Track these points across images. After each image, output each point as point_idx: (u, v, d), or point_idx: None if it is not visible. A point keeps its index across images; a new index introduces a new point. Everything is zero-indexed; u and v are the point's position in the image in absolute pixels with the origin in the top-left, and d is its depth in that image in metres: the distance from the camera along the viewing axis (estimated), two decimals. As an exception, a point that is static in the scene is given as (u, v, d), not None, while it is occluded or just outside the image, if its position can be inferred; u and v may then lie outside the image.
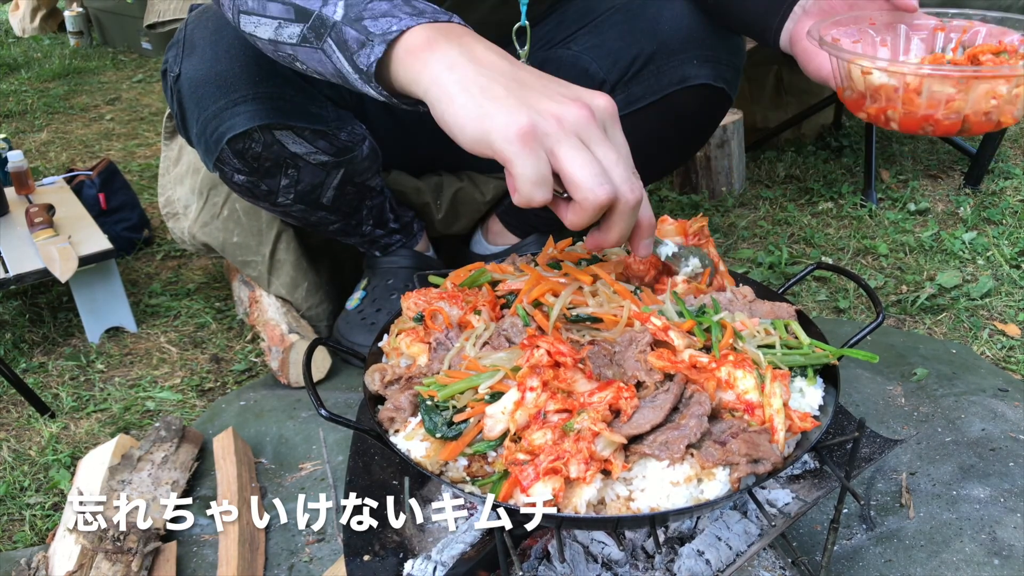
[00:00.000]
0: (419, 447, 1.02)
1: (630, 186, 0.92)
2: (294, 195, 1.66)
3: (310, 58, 1.09)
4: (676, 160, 1.96)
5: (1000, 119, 1.05)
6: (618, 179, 0.91)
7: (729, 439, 0.95)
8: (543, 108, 0.91)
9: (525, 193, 0.91)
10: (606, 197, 0.91)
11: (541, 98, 0.92)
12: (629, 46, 1.65)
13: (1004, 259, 2.18)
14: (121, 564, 1.28)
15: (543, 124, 0.90)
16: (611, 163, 0.92)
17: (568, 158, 0.90)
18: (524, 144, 0.89)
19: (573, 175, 0.90)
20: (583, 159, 0.90)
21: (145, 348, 2.10)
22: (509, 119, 0.90)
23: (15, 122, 4.23)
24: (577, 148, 0.90)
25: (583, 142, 0.91)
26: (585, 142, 0.91)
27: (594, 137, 0.92)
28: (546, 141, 0.90)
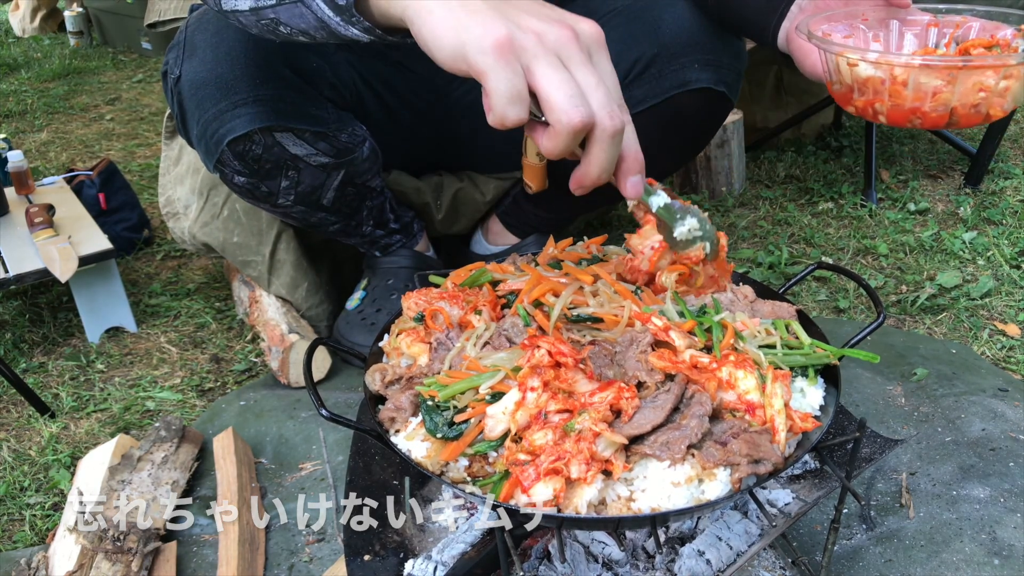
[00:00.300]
0: (420, 447, 1.02)
1: (609, 111, 0.87)
2: (294, 196, 1.66)
3: (291, 16, 1.06)
4: (676, 162, 1.95)
5: (989, 111, 1.05)
6: (596, 103, 0.87)
7: (730, 439, 0.95)
8: (524, 23, 0.88)
9: (499, 110, 0.87)
10: (580, 120, 0.86)
11: (523, 14, 0.89)
12: (630, 49, 1.65)
13: (1004, 259, 2.18)
14: (121, 564, 1.28)
15: (521, 38, 0.87)
16: (590, 86, 0.87)
17: (545, 76, 0.86)
18: (499, 56, 0.86)
19: (548, 94, 0.86)
20: (560, 78, 0.86)
21: (145, 348, 2.10)
22: (486, 30, 0.87)
23: (15, 122, 4.23)
24: (555, 67, 0.86)
25: (562, 62, 0.87)
26: (565, 62, 0.87)
27: (575, 58, 0.88)
28: (523, 56, 0.87)
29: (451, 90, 1.84)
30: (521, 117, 0.88)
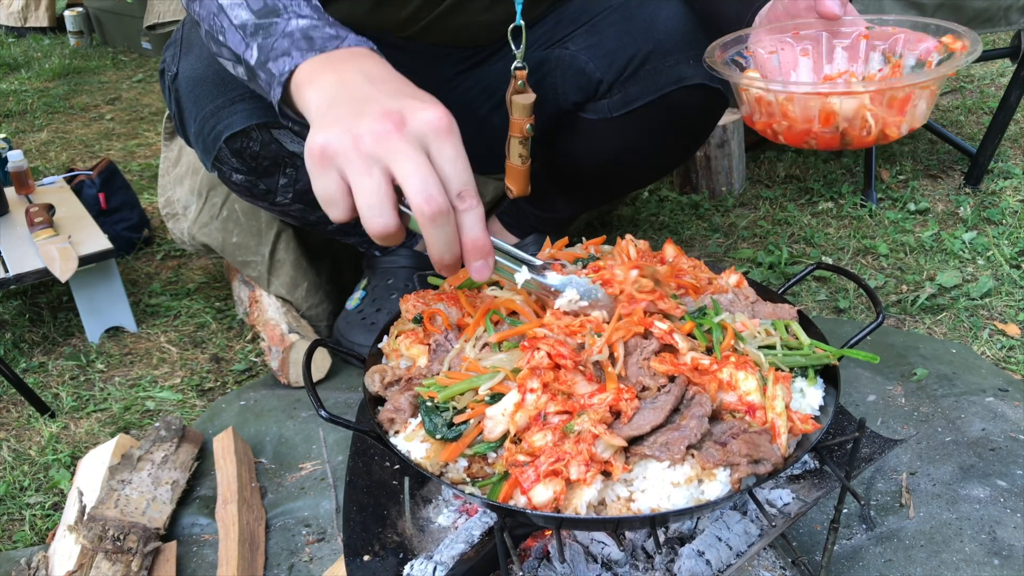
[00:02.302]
0: (419, 448, 1.02)
1: (425, 197, 0.88)
2: (292, 194, 1.66)
3: (259, 93, 1.16)
4: (674, 160, 1.95)
5: (884, 131, 1.04)
6: (410, 193, 0.88)
7: (730, 440, 0.95)
8: (353, 127, 0.90)
9: (326, 210, 0.94)
10: (381, 228, 0.90)
11: (362, 117, 0.91)
12: (626, 46, 1.65)
13: (1004, 259, 2.18)
14: (121, 564, 1.28)
15: (335, 145, 0.90)
16: (404, 178, 0.89)
17: (353, 184, 0.91)
18: (316, 164, 0.92)
19: (356, 203, 0.91)
20: (363, 186, 0.90)
21: (145, 348, 2.10)
22: (313, 139, 0.92)
23: (15, 122, 4.23)
24: (361, 173, 0.89)
25: (377, 160, 0.89)
26: (382, 159, 0.90)
27: (393, 153, 0.89)
28: (336, 162, 0.91)
29: (448, 91, 1.84)
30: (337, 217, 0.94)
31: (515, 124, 1.58)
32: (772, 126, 1.09)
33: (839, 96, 1.01)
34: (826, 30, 1.18)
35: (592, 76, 1.68)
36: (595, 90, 1.70)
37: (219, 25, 1.18)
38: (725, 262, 2.30)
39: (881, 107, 1.01)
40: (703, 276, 1.25)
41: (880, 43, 1.16)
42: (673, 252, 1.29)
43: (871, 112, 1.02)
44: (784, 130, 1.08)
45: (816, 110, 1.03)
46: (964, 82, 3.65)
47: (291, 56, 1.07)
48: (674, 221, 2.59)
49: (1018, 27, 2.42)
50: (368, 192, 0.90)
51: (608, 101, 1.70)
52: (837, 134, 1.04)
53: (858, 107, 1.01)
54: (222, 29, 1.18)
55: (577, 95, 1.72)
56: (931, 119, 3.06)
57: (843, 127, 1.03)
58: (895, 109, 1.03)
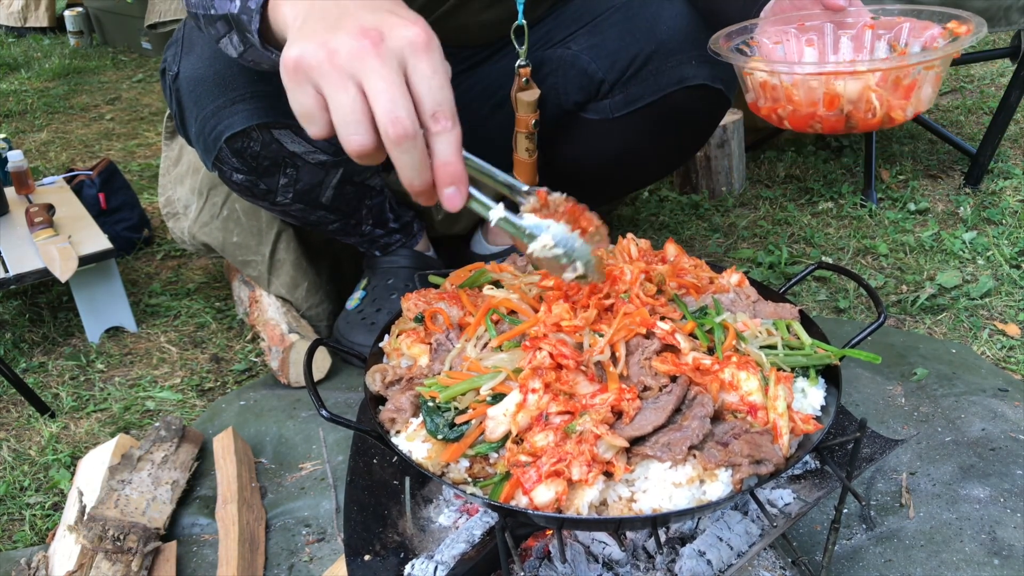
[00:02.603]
0: (420, 448, 1.02)
1: (392, 119, 0.85)
2: (293, 194, 1.66)
3: (257, 57, 1.13)
4: (676, 160, 1.95)
5: (891, 115, 1.04)
6: (379, 113, 0.85)
7: (731, 440, 0.95)
8: (329, 41, 0.87)
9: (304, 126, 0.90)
10: (356, 146, 0.87)
11: (338, 30, 0.88)
12: (628, 46, 1.65)
13: (1004, 259, 2.18)
14: (121, 564, 1.28)
15: (309, 58, 0.87)
16: (375, 96, 0.85)
17: (328, 99, 0.87)
18: (290, 78, 0.89)
19: (333, 119, 0.88)
20: (338, 101, 0.87)
21: (145, 348, 2.10)
22: (287, 52, 0.89)
23: (15, 122, 4.23)
24: (336, 88, 0.86)
25: (352, 76, 0.86)
26: (357, 75, 0.86)
27: (367, 70, 0.86)
28: (311, 76, 0.87)
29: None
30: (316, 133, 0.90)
31: (520, 120, 1.58)
32: (777, 111, 1.09)
33: (843, 78, 1.01)
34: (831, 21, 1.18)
35: (594, 76, 1.68)
36: (597, 90, 1.70)
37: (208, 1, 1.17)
38: (725, 262, 2.30)
39: (886, 89, 1.01)
40: (704, 275, 1.25)
41: (885, 32, 1.16)
42: (674, 251, 1.29)
43: (876, 93, 1.01)
44: (789, 115, 1.08)
45: (820, 93, 1.03)
46: (964, 82, 3.65)
47: None
48: (674, 221, 2.59)
49: (1018, 27, 2.42)
50: (343, 108, 0.87)
51: (610, 101, 1.70)
52: (842, 117, 1.04)
53: (862, 89, 1.01)
54: (211, 2, 1.16)
55: (578, 95, 1.72)
56: (931, 119, 3.06)
57: (848, 110, 1.03)
58: (900, 92, 1.03)
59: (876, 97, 1.02)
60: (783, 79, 1.05)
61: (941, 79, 1.07)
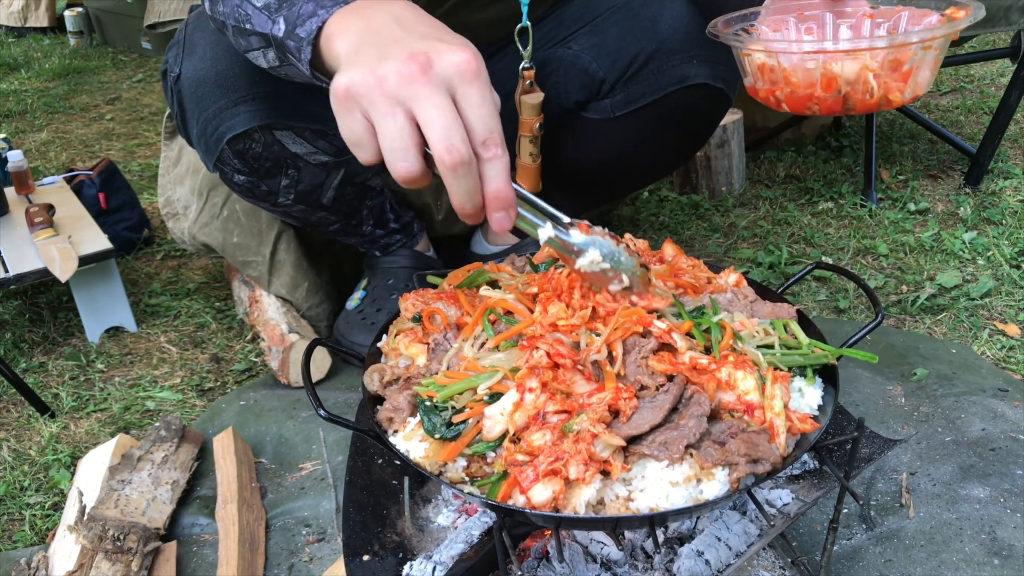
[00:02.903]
0: (418, 447, 1.02)
1: (447, 146, 0.86)
2: (294, 195, 1.66)
3: (293, 73, 1.13)
4: (676, 160, 1.95)
5: (889, 96, 1.04)
6: (432, 139, 0.86)
7: (728, 439, 0.95)
8: (377, 68, 0.88)
9: (354, 152, 0.92)
10: (404, 173, 0.89)
11: (387, 58, 0.89)
12: (629, 45, 1.65)
13: (1004, 259, 2.18)
14: (121, 564, 1.28)
15: (358, 86, 0.88)
16: (427, 124, 0.87)
17: (378, 126, 0.88)
18: (340, 105, 0.90)
19: (381, 147, 0.89)
20: (386, 128, 0.88)
21: (145, 348, 2.10)
22: (338, 81, 0.90)
23: (15, 122, 4.24)
24: (384, 114, 0.88)
25: (401, 103, 0.87)
26: (405, 102, 0.87)
27: (417, 97, 0.87)
28: (361, 104, 0.89)
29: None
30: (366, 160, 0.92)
31: (525, 123, 1.58)
32: (775, 93, 1.09)
33: (841, 59, 1.01)
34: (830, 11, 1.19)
35: (595, 75, 1.68)
36: (598, 89, 1.70)
37: (244, 14, 1.16)
38: (725, 262, 2.30)
39: (884, 71, 1.01)
40: (702, 275, 1.25)
41: (884, 20, 1.16)
42: (672, 251, 1.29)
43: (873, 73, 1.01)
44: (786, 96, 1.08)
45: (818, 74, 1.03)
46: (964, 82, 3.65)
47: (317, 15, 1.03)
48: (674, 221, 2.59)
49: (1018, 27, 2.42)
50: (392, 135, 0.88)
51: (610, 100, 1.70)
52: (840, 98, 1.04)
53: (860, 69, 1.01)
54: (247, 17, 1.16)
55: (579, 94, 1.72)
56: (931, 119, 3.06)
57: (845, 91, 1.03)
58: (898, 74, 1.03)
59: (874, 78, 1.01)
60: (781, 61, 1.05)
61: (939, 64, 1.07)
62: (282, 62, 1.14)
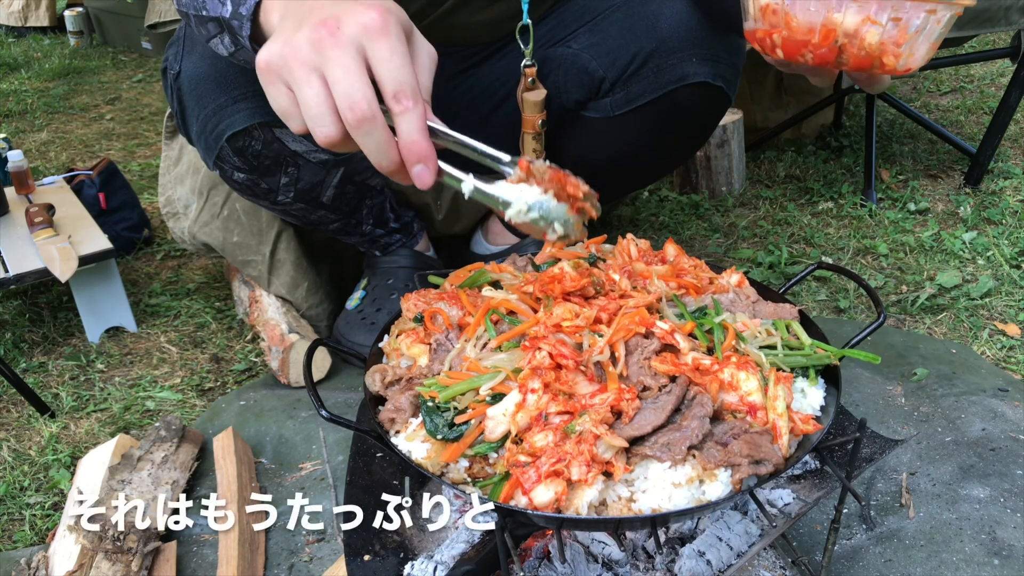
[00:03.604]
0: (420, 448, 1.02)
1: (349, 104, 0.87)
2: (294, 193, 1.66)
3: (247, 57, 1.13)
4: (676, 159, 1.95)
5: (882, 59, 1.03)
6: (339, 101, 0.88)
7: (731, 440, 0.95)
8: (292, 38, 0.90)
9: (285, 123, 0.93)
10: (325, 138, 0.90)
11: (301, 27, 0.91)
12: (629, 44, 1.65)
13: (1004, 259, 2.18)
14: (121, 564, 1.28)
15: (275, 57, 0.90)
16: (335, 83, 0.88)
17: (297, 94, 0.90)
18: (264, 79, 0.92)
19: (303, 114, 0.91)
20: (304, 96, 0.89)
21: (145, 348, 2.10)
22: (260, 55, 0.92)
23: (15, 122, 4.23)
24: (301, 83, 0.89)
25: (315, 69, 0.88)
26: (319, 67, 0.88)
27: (326, 61, 0.88)
28: (281, 74, 0.91)
29: (450, 90, 1.84)
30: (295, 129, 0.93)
31: (527, 120, 1.58)
32: (772, 35, 1.08)
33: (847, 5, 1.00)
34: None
35: (595, 74, 1.68)
36: (598, 88, 1.70)
37: (200, 2, 1.18)
38: (725, 262, 2.30)
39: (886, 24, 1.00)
40: (704, 276, 1.25)
41: None
42: (674, 251, 1.29)
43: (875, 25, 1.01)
44: (783, 40, 1.07)
45: (819, 20, 1.02)
46: (964, 82, 3.65)
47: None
48: (674, 221, 2.59)
49: (1018, 27, 2.42)
50: (309, 102, 0.89)
51: (610, 99, 1.70)
52: (835, 48, 1.03)
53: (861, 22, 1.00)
54: (203, 4, 1.17)
55: (579, 93, 1.72)
56: (931, 119, 3.06)
57: (842, 42, 1.02)
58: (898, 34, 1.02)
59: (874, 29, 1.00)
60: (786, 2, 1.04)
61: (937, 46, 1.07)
62: (236, 45, 1.15)
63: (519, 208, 0.96)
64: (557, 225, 0.99)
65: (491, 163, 0.98)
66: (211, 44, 1.23)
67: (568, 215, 0.98)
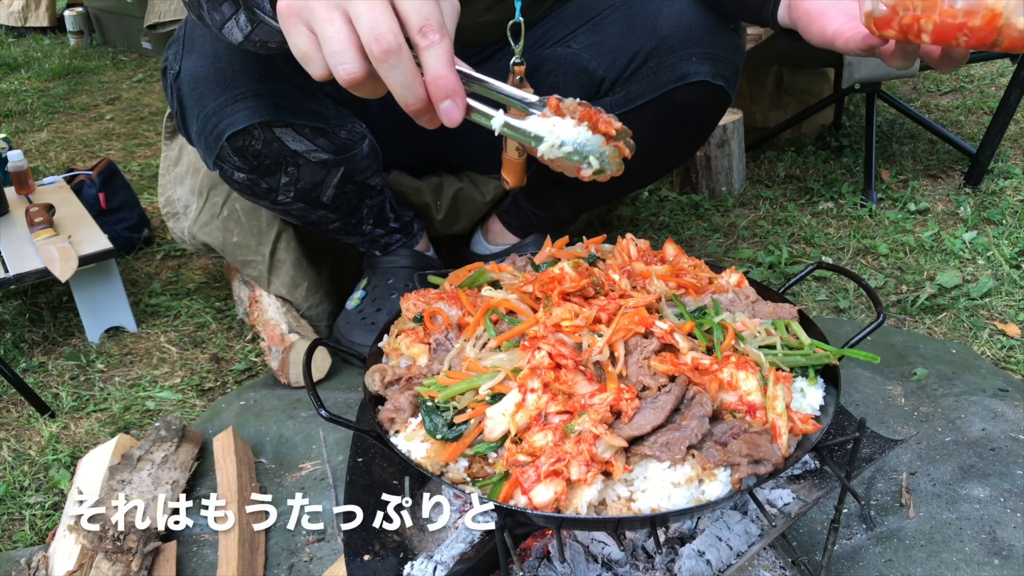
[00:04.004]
0: (419, 448, 1.02)
1: (375, 36, 0.85)
2: (294, 193, 1.66)
3: (265, 35, 1.13)
4: (676, 158, 1.95)
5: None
6: (364, 34, 0.86)
7: (730, 440, 0.95)
8: None
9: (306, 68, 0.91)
10: (347, 75, 0.88)
11: None
12: (628, 43, 1.65)
13: (1004, 259, 2.18)
14: (121, 564, 1.28)
15: (296, 1, 0.89)
16: (359, 18, 0.86)
17: (319, 34, 0.89)
18: (286, 23, 0.91)
19: (324, 53, 0.89)
20: (326, 34, 0.87)
21: (145, 348, 2.10)
22: (281, 2, 0.91)
23: (15, 122, 4.23)
24: (323, 21, 0.87)
25: (338, 6, 0.87)
26: (342, 5, 0.87)
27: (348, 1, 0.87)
28: (302, 14, 0.89)
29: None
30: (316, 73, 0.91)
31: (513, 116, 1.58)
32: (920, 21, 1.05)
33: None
34: None
35: (595, 74, 1.68)
36: (597, 88, 1.70)
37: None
38: (725, 262, 2.30)
39: None
40: (703, 276, 1.25)
41: None
42: (673, 251, 1.29)
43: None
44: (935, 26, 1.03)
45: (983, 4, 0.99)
46: (964, 82, 3.65)
47: None
48: (674, 221, 2.59)
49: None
50: (331, 40, 0.88)
51: (610, 99, 1.70)
52: (994, 30, 1.01)
53: None
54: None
55: (579, 93, 1.71)
56: (931, 119, 3.06)
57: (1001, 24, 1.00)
58: None
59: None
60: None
61: None
62: (253, 23, 1.13)
63: (552, 142, 0.92)
64: (593, 159, 0.95)
65: (520, 106, 0.95)
66: (224, 31, 1.21)
67: (604, 147, 0.95)
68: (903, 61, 1.05)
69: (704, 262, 1.31)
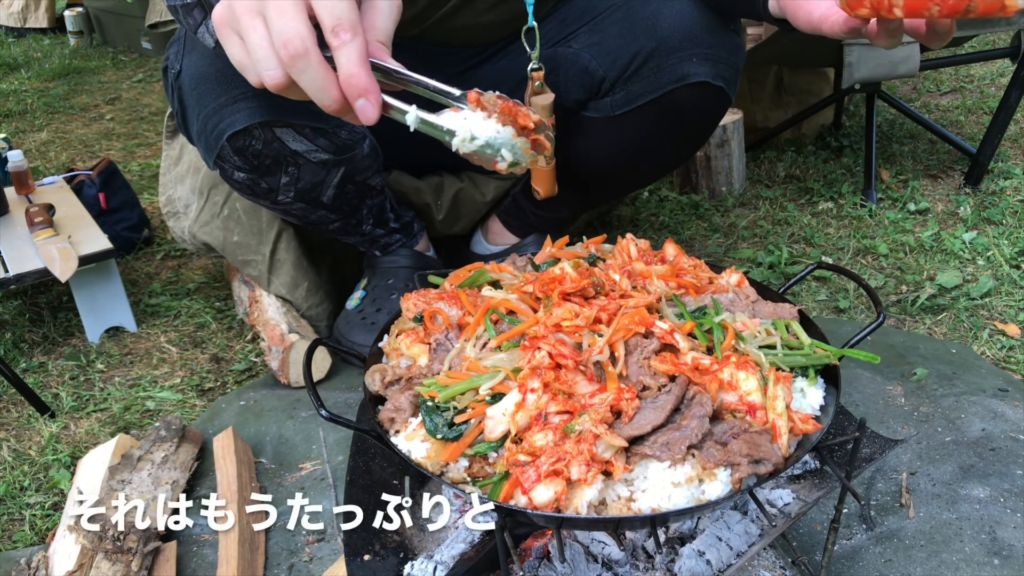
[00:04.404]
0: (420, 448, 1.02)
1: (283, 42, 0.87)
2: (294, 193, 1.66)
3: None
4: (676, 159, 1.95)
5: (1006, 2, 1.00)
6: (274, 41, 0.88)
7: (730, 440, 0.95)
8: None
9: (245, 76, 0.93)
10: (271, 81, 0.90)
11: None
12: (629, 44, 1.65)
13: (1004, 259, 2.18)
14: (121, 564, 1.28)
15: (226, 10, 0.91)
16: (270, 26, 0.88)
17: (245, 42, 0.90)
18: (219, 34, 0.93)
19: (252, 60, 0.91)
20: (251, 42, 0.89)
21: (145, 348, 2.10)
22: (214, 12, 0.93)
23: (15, 122, 4.23)
24: (248, 29, 0.89)
25: (258, 13, 0.89)
26: (261, 12, 0.89)
27: (266, 6, 0.88)
28: (231, 25, 0.91)
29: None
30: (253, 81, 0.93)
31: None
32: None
33: None
34: None
35: (595, 74, 1.68)
36: (598, 88, 1.70)
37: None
38: (725, 262, 2.30)
39: None
40: (703, 276, 1.25)
41: None
42: (674, 251, 1.29)
43: None
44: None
45: None
46: (964, 82, 3.65)
47: None
48: (674, 221, 2.59)
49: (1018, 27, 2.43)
50: (255, 48, 0.89)
51: (610, 99, 1.70)
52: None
53: None
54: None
55: (580, 93, 1.72)
56: (931, 119, 3.06)
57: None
58: None
59: None
60: None
61: None
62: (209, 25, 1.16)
63: (463, 136, 0.93)
64: (505, 152, 0.96)
65: (444, 99, 0.97)
66: (199, 36, 1.24)
67: (515, 140, 0.95)
68: (888, 39, 1.05)
69: (704, 262, 1.31)
